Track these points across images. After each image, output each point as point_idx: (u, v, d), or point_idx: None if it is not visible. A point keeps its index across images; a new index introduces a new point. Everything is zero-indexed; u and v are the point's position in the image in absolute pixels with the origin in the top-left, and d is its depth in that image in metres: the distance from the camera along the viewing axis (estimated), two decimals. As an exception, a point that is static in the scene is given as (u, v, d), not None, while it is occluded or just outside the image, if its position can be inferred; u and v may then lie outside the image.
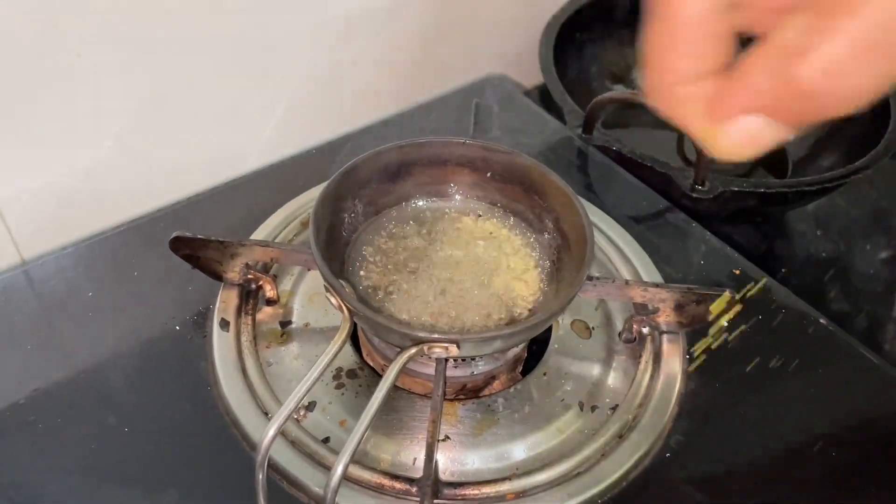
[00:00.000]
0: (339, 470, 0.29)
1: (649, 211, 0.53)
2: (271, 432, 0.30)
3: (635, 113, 0.75)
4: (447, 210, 0.42)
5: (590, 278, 0.41)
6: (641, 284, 0.40)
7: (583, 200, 0.38)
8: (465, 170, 0.42)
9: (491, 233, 0.41)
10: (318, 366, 0.32)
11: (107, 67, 0.46)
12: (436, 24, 0.64)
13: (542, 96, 0.64)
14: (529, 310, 0.38)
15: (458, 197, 0.43)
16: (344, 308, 0.34)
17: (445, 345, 0.32)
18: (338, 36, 0.57)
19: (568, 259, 0.39)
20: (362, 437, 0.30)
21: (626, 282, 0.41)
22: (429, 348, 0.32)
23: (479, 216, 0.42)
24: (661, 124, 0.59)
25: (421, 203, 0.42)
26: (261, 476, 0.30)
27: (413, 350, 0.32)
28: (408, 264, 0.39)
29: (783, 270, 0.66)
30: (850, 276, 0.66)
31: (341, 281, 0.36)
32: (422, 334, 0.33)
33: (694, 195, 0.54)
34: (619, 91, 0.56)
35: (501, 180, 0.42)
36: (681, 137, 0.67)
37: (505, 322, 0.37)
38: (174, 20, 0.47)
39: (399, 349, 0.33)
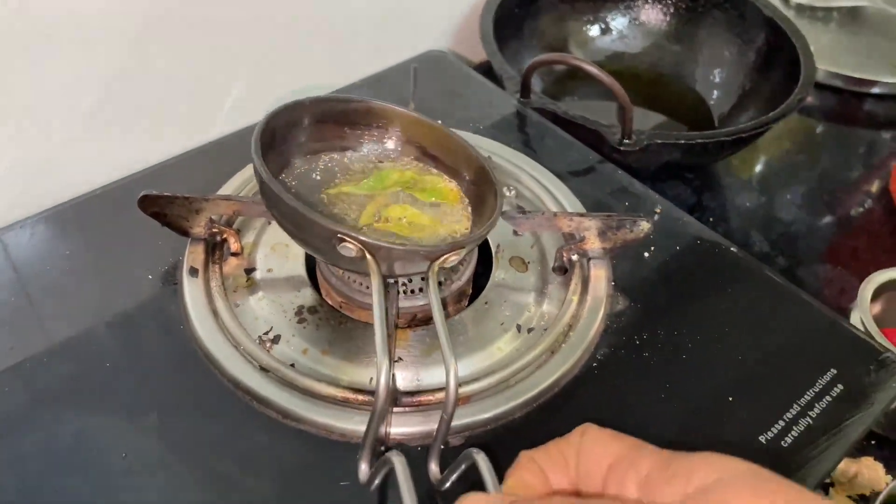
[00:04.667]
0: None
1: (583, 165, 0.58)
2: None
3: (576, 85, 0.80)
4: (380, 158, 0.46)
5: (522, 212, 0.45)
6: (567, 215, 0.45)
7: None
8: (392, 128, 0.46)
9: (418, 179, 0.45)
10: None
11: (74, 46, 0.50)
12: (386, 2, 0.68)
13: (488, 72, 0.69)
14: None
15: (391, 147, 0.47)
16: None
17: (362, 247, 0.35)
18: (290, 16, 0.61)
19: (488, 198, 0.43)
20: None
21: (554, 214, 0.45)
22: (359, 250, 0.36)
23: (407, 167, 0.46)
24: (601, 95, 0.63)
25: (356, 151, 0.46)
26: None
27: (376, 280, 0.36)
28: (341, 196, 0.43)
29: (710, 220, 0.72)
30: (771, 223, 0.72)
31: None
32: (341, 229, 0.36)
33: (622, 148, 0.60)
34: (550, 54, 0.61)
35: (415, 143, 0.46)
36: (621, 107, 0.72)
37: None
38: None
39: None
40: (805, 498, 0.24)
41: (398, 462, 0.25)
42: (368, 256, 0.36)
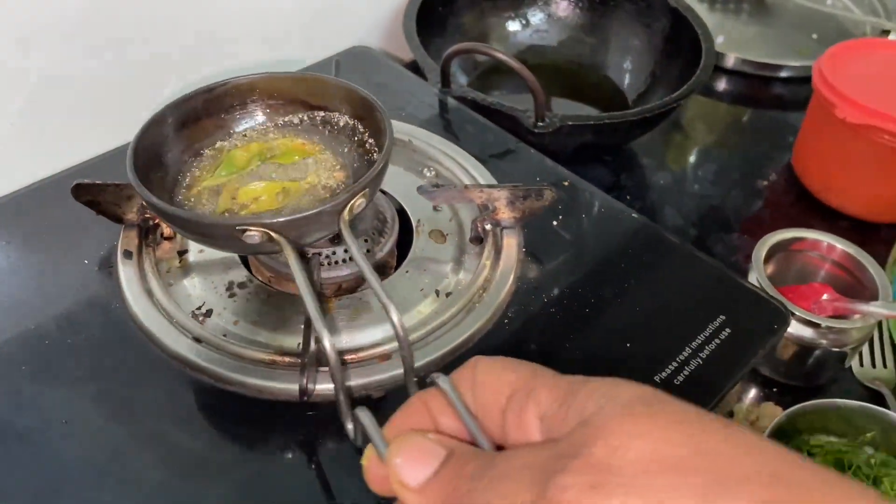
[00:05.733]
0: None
1: (501, 148, 0.62)
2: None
3: (500, 79, 0.84)
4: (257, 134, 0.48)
5: (436, 186, 0.49)
6: (478, 187, 0.49)
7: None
8: (268, 99, 0.48)
9: (270, 147, 0.47)
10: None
11: (6, 46, 0.52)
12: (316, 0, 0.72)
13: (417, 70, 0.72)
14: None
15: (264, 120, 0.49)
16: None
17: (265, 230, 0.37)
18: (221, 12, 0.64)
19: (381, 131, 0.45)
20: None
21: (466, 186, 0.49)
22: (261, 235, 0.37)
23: (290, 134, 0.48)
24: (524, 89, 0.67)
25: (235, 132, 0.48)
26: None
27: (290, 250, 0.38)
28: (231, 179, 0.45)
29: (627, 197, 0.76)
30: (684, 199, 0.77)
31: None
32: (237, 221, 0.37)
33: (536, 130, 0.64)
34: (465, 43, 0.65)
35: (301, 101, 0.48)
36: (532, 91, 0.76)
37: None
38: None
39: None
40: (689, 417, 0.21)
41: (365, 417, 0.26)
42: (275, 236, 0.38)
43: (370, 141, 0.46)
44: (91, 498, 0.37)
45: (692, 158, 0.83)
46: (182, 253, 0.49)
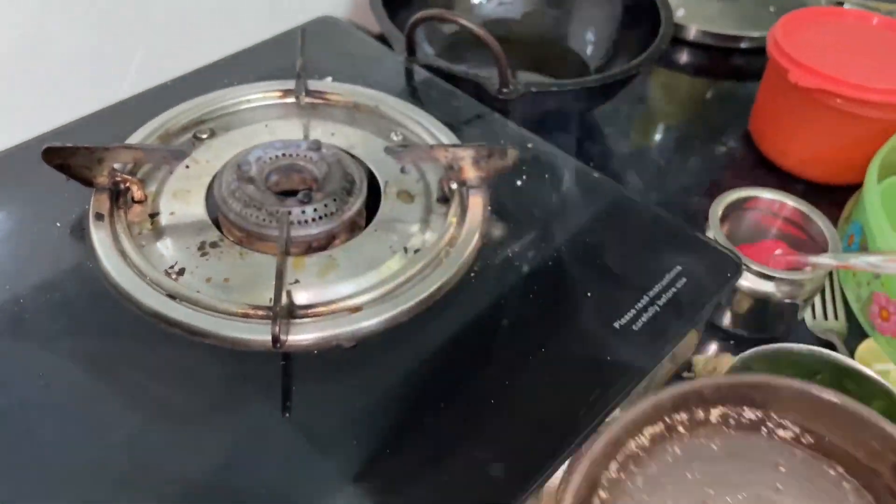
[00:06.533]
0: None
1: (467, 114, 0.63)
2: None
3: (467, 51, 0.85)
4: None
5: (403, 146, 0.50)
6: (443, 146, 0.50)
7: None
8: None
9: None
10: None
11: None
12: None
13: (386, 42, 0.73)
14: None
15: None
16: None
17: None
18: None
19: None
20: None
21: (431, 146, 0.51)
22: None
23: None
24: (491, 62, 0.69)
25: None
26: None
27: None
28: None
29: (591, 164, 0.78)
30: (646, 165, 0.79)
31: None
32: None
33: (501, 97, 0.65)
34: (428, 10, 0.66)
35: None
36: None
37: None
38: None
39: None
40: None
41: None
42: None
43: None
44: (67, 447, 0.38)
45: (654, 128, 0.86)
46: (154, 215, 0.50)
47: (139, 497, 0.37)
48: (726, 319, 0.61)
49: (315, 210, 0.49)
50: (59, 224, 0.49)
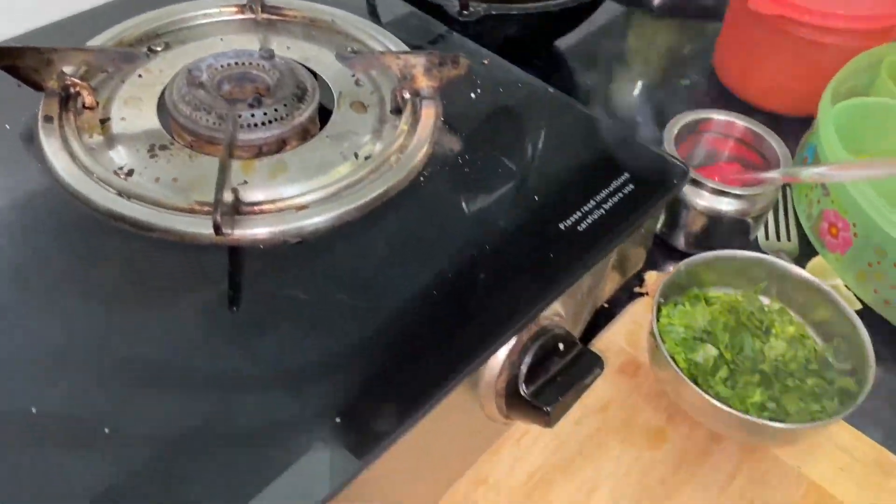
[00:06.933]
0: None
1: (427, 34, 0.63)
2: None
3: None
4: None
5: (354, 52, 0.50)
6: (394, 53, 0.50)
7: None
8: None
9: None
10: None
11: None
12: None
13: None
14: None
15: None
16: None
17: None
18: None
19: None
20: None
21: (382, 52, 0.51)
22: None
23: None
24: None
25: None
26: None
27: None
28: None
29: (554, 93, 0.78)
30: (611, 97, 0.79)
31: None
32: None
33: (461, 19, 0.65)
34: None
35: None
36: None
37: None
38: None
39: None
40: None
41: None
42: None
43: None
44: (20, 337, 0.39)
45: (619, 65, 0.86)
46: (104, 121, 0.50)
47: (83, 369, 0.37)
48: (680, 239, 0.62)
49: (265, 114, 0.49)
50: (7, 126, 0.49)
